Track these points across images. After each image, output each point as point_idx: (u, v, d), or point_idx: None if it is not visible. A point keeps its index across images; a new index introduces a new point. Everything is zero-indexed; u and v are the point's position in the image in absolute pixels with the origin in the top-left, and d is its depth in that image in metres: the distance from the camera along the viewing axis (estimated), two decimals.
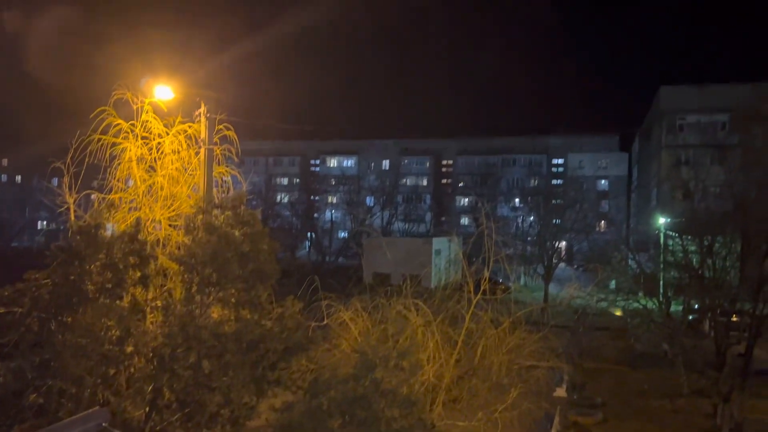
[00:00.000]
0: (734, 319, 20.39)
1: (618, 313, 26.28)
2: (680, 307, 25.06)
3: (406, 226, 79.84)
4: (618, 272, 25.25)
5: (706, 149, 47.03)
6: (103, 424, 5.19)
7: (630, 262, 27.97)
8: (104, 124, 11.70)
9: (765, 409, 21.50)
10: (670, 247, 25.18)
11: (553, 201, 60.19)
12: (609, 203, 76.39)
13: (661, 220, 33.63)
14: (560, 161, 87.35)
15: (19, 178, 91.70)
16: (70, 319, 8.17)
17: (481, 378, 12.38)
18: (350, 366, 9.79)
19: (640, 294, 23.42)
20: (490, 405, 11.97)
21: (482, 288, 13.04)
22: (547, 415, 17.63)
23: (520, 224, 65.71)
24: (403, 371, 9.18)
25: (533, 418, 12.87)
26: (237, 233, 8.99)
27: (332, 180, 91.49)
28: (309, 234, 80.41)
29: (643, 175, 71.10)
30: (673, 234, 26.11)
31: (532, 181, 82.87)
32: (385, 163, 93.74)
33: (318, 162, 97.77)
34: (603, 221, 67.76)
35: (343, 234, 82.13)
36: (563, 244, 55.26)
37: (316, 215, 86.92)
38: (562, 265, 53.20)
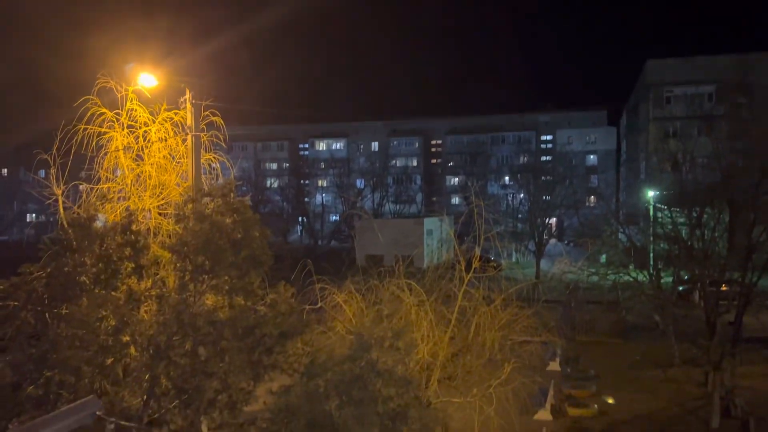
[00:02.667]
0: (723, 288, 20.62)
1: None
2: (670, 279, 25.28)
3: (398, 207, 79.99)
4: (608, 246, 25.43)
5: (694, 121, 47.24)
6: (98, 413, 5.19)
7: (620, 235, 28.16)
8: (89, 113, 11.58)
9: (755, 376, 21.88)
10: (660, 220, 25.33)
11: (543, 177, 60.39)
12: (598, 178, 76.69)
13: (650, 193, 33.80)
14: (549, 137, 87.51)
15: (5, 171, 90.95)
16: (65, 311, 8.18)
17: (475, 354, 12.53)
18: (346, 348, 9.89)
19: (631, 267, 23.62)
20: (485, 381, 12.12)
21: (473, 266, 13.14)
22: (542, 389, 17.89)
23: (510, 201, 66.01)
24: (398, 351, 9.29)
25: (528, 392, 13.06)
26: (228, 221, 8.99)
27: (322, 163, 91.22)
28: (300, 218, 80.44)
29: (632, 148, 71.36)
30: (663, 206, 26.26)
31: (522, 158, 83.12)
32: (375, 145, 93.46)
33: (307, 146, 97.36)
34: (592, 196, 68.04)
35: (334, 217, 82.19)
36: (553, 220, 55.60)
37: (306, 199, 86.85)
38: (552, 240, 53.55)
